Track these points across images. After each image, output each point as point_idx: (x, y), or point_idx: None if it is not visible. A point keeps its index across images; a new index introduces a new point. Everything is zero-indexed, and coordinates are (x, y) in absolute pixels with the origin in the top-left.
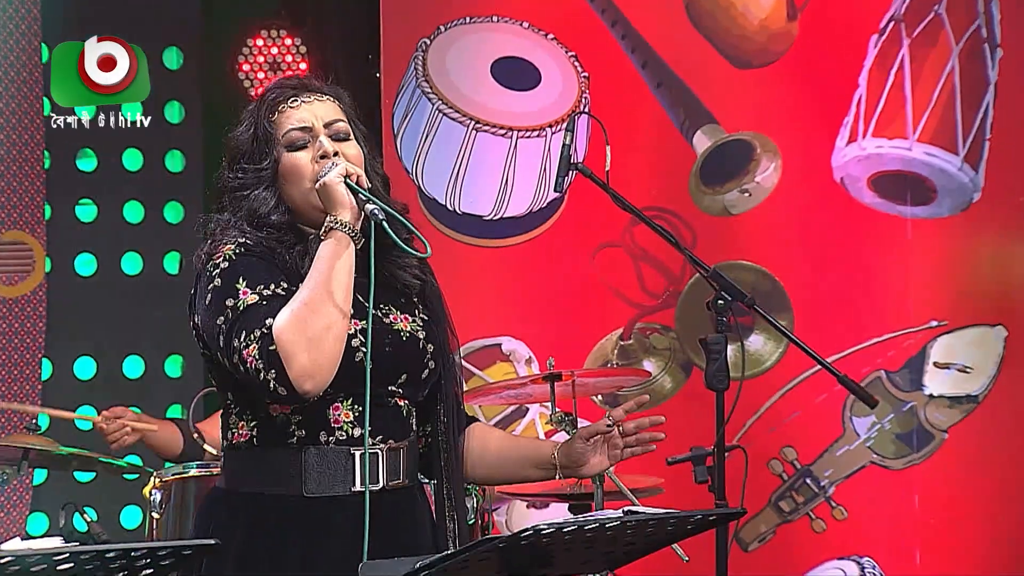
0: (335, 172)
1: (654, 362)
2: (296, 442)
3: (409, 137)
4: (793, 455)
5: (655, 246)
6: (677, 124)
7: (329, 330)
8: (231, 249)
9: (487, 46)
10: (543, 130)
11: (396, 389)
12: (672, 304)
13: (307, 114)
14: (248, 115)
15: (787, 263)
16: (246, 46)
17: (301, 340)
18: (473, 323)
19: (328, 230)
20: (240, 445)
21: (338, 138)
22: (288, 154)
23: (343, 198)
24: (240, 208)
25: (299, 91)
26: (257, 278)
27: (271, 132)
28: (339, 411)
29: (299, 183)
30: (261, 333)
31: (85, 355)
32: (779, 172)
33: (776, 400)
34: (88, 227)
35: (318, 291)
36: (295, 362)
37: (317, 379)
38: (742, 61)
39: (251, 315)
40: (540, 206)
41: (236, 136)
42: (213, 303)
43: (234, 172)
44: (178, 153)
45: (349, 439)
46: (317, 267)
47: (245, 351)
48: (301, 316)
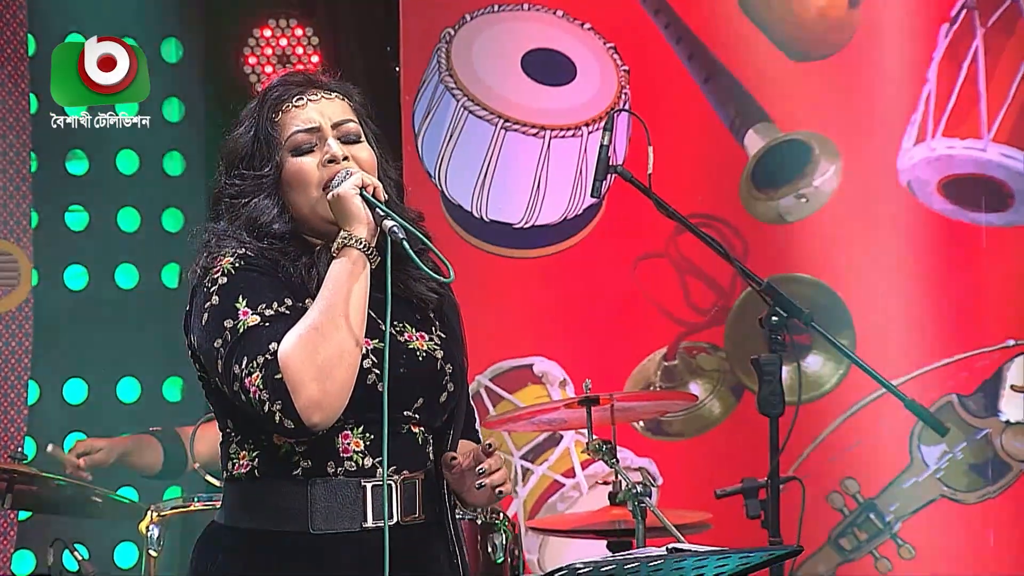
0: (350, 183)
1: (701, 385)
2: (301, 474)
3: (431, 137)
4: (855, 487)
5: (702, 257)
6: (727, 123)
7: (341, 358)
8: (229, 262)
9: (517, 37)
10: (579, 129)
11: (411, 415)
12: (721, 321)
13: (314, 114)
14: (248, 115)
15: (848, 275)
16: (252, 37)
17: (310, 368)
18: (502, 342)
19: (341, 247)
20: (240, 477)
21: (348, 140)
22: (293, 159)
23: (358, 212)
24: (238, 217)
25: (304, 88)
26: (259, 295)
27: (273, 134)
28: (348, 439)
29: (305, 191)
30: (265, 360)
31: (75, 377)
32: (839, 176)
33: (836, 427)
34: (79, 236)
35: (330, 315)
36: (303, 392)
37: (326, 411)
38: (799, 53)
39: (253, 338)
40: (575, 213)
41: (235, 138)
42: (210, 324)
43: (232, 178)
44: (177, 155)
45: (360, 470)
46: (329, 288)
47: (247, 379)
48: (310, 342)
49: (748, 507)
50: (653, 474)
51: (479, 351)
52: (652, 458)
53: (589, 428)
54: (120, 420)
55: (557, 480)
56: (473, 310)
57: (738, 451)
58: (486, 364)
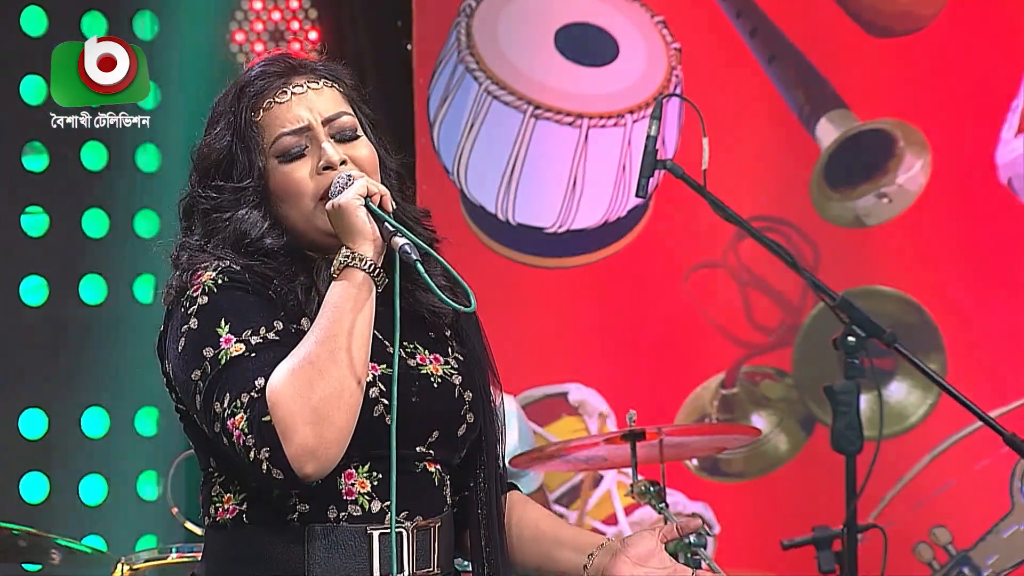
0: (352, 191)
1: (765, 417)
2: (297, 519)
3: (449, 126)
4: (946, 537)
5: (766, 267)
6: (795, 110)
7: (340, 398)
8: (211, 278)
9: (550, 9)
10: (621, 117)
11: (426, 451)
12: (789, 342)
13: (301, 111)
14: (222, 113)
15: (938, 289)
16: (240, 10)
17: (303, 409)
18: (531, 367)
19: (343, 267)
20: (225, 523)
21: (343, 138)
22: (281, 166)
23: (363, 227)
24: (217, 231)
25: (287, 78)
26: (245, 319)
27: (255, 138)
28: (352, 480)
29: (298, 203)
30: (250, 398)
31: (33, 407)
32: (928, 171)
33: (924, 466)
34: (37, 243)
35: (328, 347)
36: (295, 437)
37: (321, 460)
38: (880, 28)
39: (236, 371)
40: (618, 215)
41: (208, 143)
42: (187, 351)
43: (207, 190)
44: (152, 148)
45: (365, 515)
46: (328, 315)
47: (230, 421)
48: (305, 378)
49: (820, 560)
50: (709, 521)
51: (504, 378)
52: (707, 502)
53: (634, 467)
54: (86, 456)
55: (596, 528)
56: (497, 329)
57: (808, 495)
58: (513, 393)
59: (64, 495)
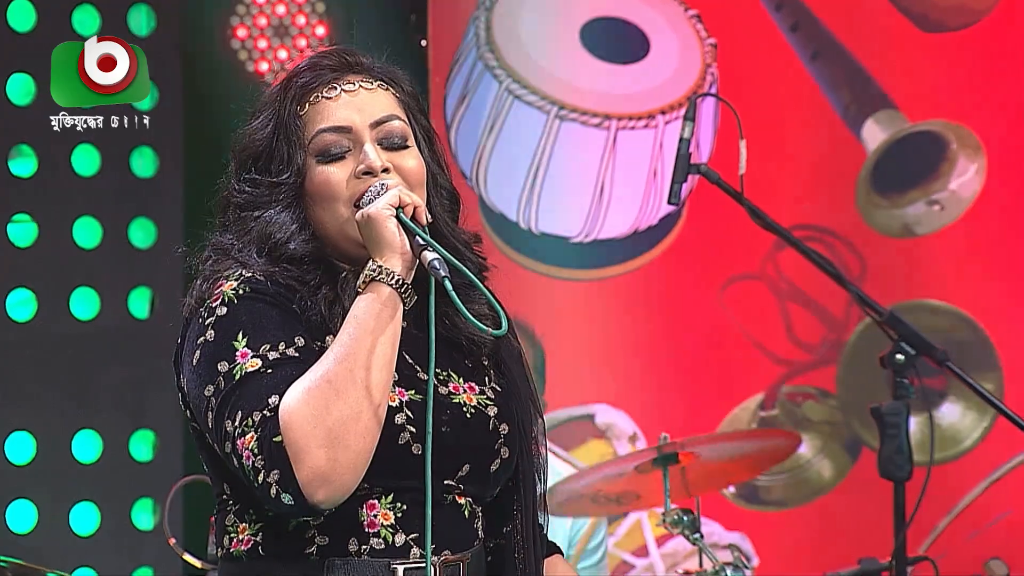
0: (384, 201)
1: (808, 440)
2: (316, 552)
3: (467, 128)
4: (1003, 570)
5: (808, 279)
6: (840, 110)
7: (357, 421)
8: (232, 288)
9: (576, 3)
10: (652, 118)
11: (455, 484)
12: (833, 360)
13: (348, 110)
14: (267, 104)
15: (993, 303)
16: (242, 3)
17: (317, 431)
18: (555, 386)
19: (370, 281)
20: (240, 555)
21: (391, 144)
22: (320, 166)
23: (393, 239)
24: (248, 231)
25: (340, 74)
26: (263, 333)
27: (297, 132)
28: (376, 511)
29: (332, 207)
30: (263, 416)
31: (20, 430)
32: (982, 176)
33: (979, 494)
34: (25, 253)
35: (348, 365)
36: (307, 460)
37: (334, 486)
38: (932, 22)
39: (250, 388)
40: (648, 223)
41: (248, 133)
42: (202, 365)
43: (242, 183)
44: (148, 151)
45: (389, 548)
46: (350, 332)
47: (240, 441)
48: (321, 397)
49: None
50: (747, 553)
51: None
52: (745, 532)
53: (667, 493)
54: (77, 483)
55: (625, 560)
56: None
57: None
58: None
59: (53, 524)
